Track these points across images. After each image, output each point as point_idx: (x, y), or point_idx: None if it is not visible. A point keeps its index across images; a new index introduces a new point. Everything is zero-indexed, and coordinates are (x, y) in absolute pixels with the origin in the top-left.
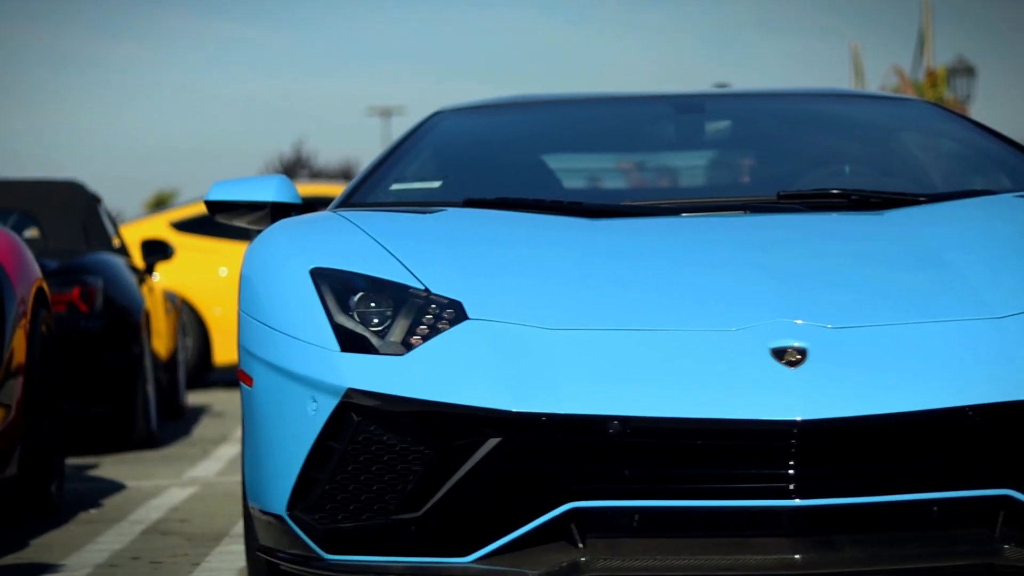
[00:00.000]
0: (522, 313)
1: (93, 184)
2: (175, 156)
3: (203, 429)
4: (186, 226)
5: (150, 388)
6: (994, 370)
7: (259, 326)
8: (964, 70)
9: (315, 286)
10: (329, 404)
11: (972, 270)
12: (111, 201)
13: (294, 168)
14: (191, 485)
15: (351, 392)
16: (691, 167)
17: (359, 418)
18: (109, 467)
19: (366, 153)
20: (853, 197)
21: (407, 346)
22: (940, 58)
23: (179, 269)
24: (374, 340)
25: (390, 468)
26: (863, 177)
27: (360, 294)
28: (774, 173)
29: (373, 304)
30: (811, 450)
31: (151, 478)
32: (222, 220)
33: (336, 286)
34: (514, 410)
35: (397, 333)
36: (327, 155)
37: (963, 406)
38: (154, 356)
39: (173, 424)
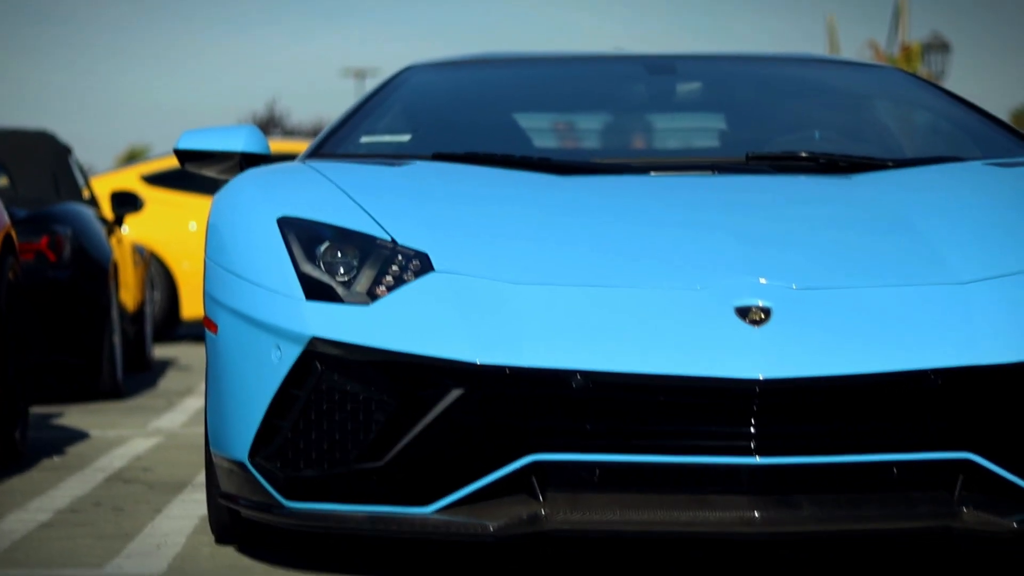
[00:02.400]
0: (488, 267)
1: (66, 139)
2: (148, 113)
3: (169, 382)
4: (157, 179)
5: (116, 339)
6: (957, 334)
7: (225, 274)
8: (939, 46)
9: (282, 235)
10: (293, 352)
11: (938, 235)
12: (84, 156)
13: (267, 127)
14: (155, 435)
15: (315, 341)
16: (661, 128)
17: (323, 367)
18: (74, 416)
19: (339, 113)
20: (821, 160)
21: (372, 296)
22: (915, 33)
23: (148, 222)
24: (339, 289)
25: (353, 417)
26: (833, 142)
27: (327, 244)
28: (744, 136)
29: (339, 254)
30: (773, 409)
31: (115, 428)
32: (192, 169)
33: (303, 235)
34: (478, 362)
35: (363, 283)
36: (300, 115)
37: (925, 369)
38: (121, 308)
39: (139, 376)
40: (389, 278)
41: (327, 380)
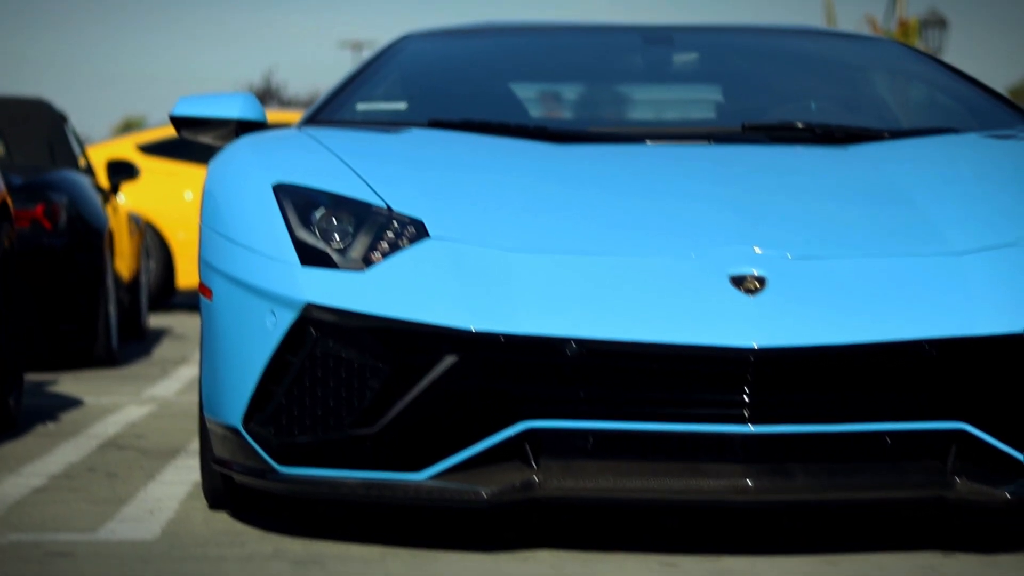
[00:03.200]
0: (483, 234)
1: (62, 109)
2: (145, 84)
3: (164, 350)
4: (153, 149)
5: (112, 307)
6: (951, 305)
7: (220, 239)
8: (936, 22)
9: (277, 201)
10: (288, 318)
11: (934, 206)
12: (80, 127)
13: (263, 98)
14: (149, 403)
15: (310, 307)
16: (657, 99)
17: (317, 333)
18: (68, 384)
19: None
20: (818, 131)
21: (367, 262)
22: (913, 9)
23: (144, 192)
24: (335, 256)
25: (347, 383)
26: (829, 114)
27: (322, 210)
28: (740, 106)
29: (335, 220)
30: (766, 378)
31: (110, 395)
32: (187, 136)
33: (298, 201)
34: (472, 329)
35: (358, 249)
36: (297, 86)
37: (920, 339)
38: (116, 276)
39: (134, 345)
40: (384, 244)
41: (321, 346)
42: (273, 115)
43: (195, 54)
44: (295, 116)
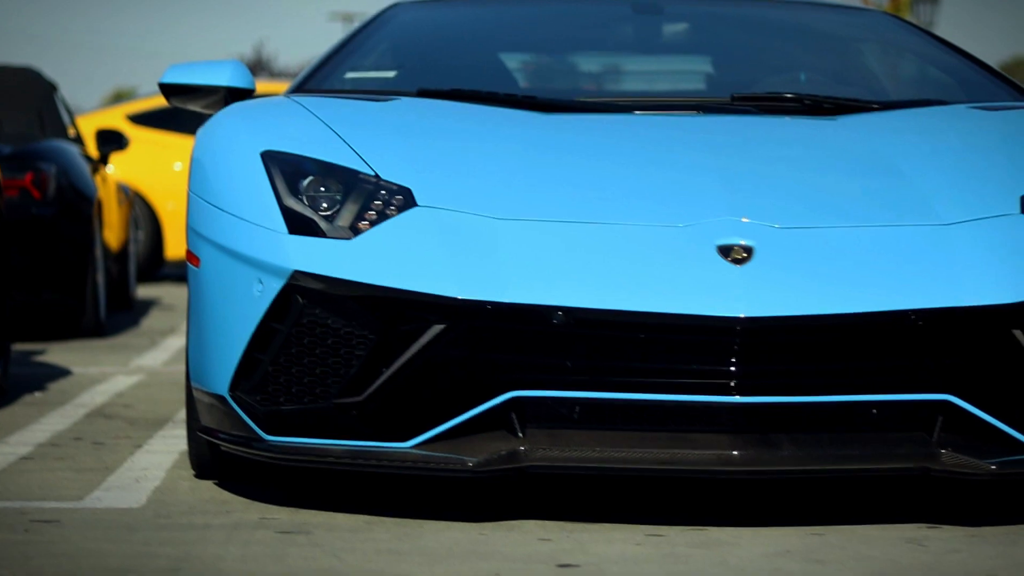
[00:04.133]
0: (471, 202)
1: (52, 78)
2: (136, 57)
3: (152, 321)
4: (142, 119)
5: (100, 277)
6: (938, 276)
7: (208, 207)
8: None
9: (265, 168)
10: (275, 286)
11: (922, 177)
12: (70, 99)
13: (254, 70)
14: (137, 373)
15: (297, 274)
16: (647, 69)
17: (304, 300)
18: (56, 353)
19: None
20: (807, 102)
21: (355, 231)
22: None
23: (134, 162)
24: (322, 224)
25: (333, 352)
26: (819, 85)
27: (310, 178)
28: (730, 77)
29: (323, 188)
30: (753, 348)
31: (97, 365)
32: (176, 104)
33: (286, 169)
34: (459, 297)
35: (345, 217)
36: (287, 58)
37: (906, 310)
38: (105, 246)
39: (122, 315)
40: (372, 213)
41: (308, 314)
42: (263, 86)
43: (187, 27)
44: (285, 87)
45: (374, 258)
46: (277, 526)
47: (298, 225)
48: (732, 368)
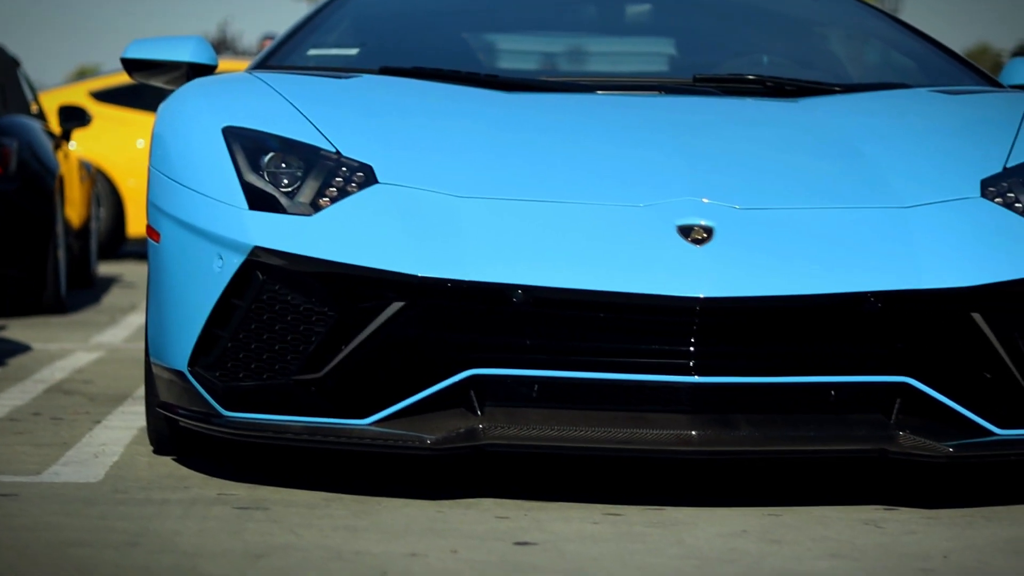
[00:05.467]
0: (432, 179)
1: (15, 54)
2: (100, 34)
3: (113, 298)
4: (105, 96)
5: (61, 253)
6: (898, 258)
7: (169, 182)
8: None
9: (227, 144)
10: (235, 261)
11: (882, 160)
12: (34, 73)
13: (218, 48)
14: (97, 350)
15: (257, 250)
16: (610, 51)
17: (264, 276)
18: (16, 330)
19: None
20: (768, 84)
21: (315, 207)
22: None
23: (96, 139)
24: (283, 200)
25: (293, 328)
26: (782, 67)
27: (271, 154)
28: (693, 59)
29: (284, 164)
30: (712, 328)
31: (57, 341)
32: (139, 79)
33: (248, 145)
34: (419, 275)
35: (306, 194)
36: (251, 37)
37: (865, 292)
38: (66, 223)
39: (83, 292)
40: (333, 189)
41: (268, 290)
42: (227, 64)
43: (151, 4)
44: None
45: (334, 235)
46: (235, 502)
47: (259, 201)
48: (691, 348)
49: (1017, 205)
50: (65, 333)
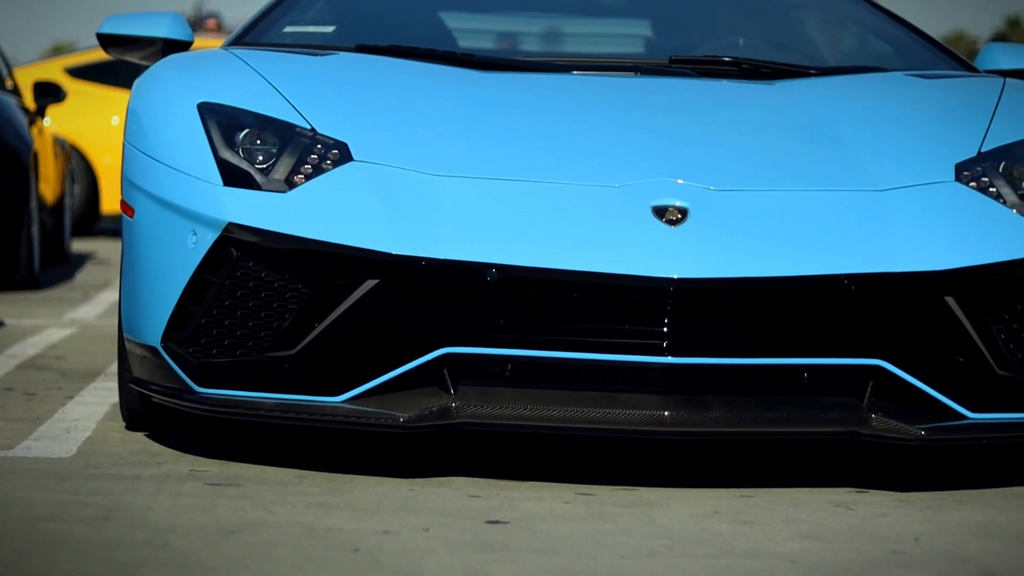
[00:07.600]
0: (407, 158)
1: None
2: (75, 11)
3: (86, 275)
4: (80, 72)
5: (35, 230)
6: (872, 241)
7: (143, 158)
8: None
9: (202, 120)
10: (209, 237)
11: (857, 142)
12: (9, 49)
13: (194, 27)
14: (70, 326)
15: (231, 226)
16: (586, 32)
17: (238, 253)
18: None
19: None
20: (744, 66)
21: (290, 184)
22: None
23: (71, 115)
24: (258, 176)
25: (267, 305)
26: (757, 51)
27: (246, 130)
28: (669, 42)
29: (259, 141)
30: (686, 309)
31: (30, 317)
32: (114, 55)
33: (223, 121)
34: (393, 252)
35: (281, 171)
36: (228, 17)
37: (839, 274)
38: (40, 199)
39: (57, 268)
40: (308, 166)
41: (242, 267)
42: (202, 42)
43: None
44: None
45: (309, 212)
46: (207, 478)
47: (233, 177)
48: (664, 329)
49: (991, 189)
50: (38, 309)
